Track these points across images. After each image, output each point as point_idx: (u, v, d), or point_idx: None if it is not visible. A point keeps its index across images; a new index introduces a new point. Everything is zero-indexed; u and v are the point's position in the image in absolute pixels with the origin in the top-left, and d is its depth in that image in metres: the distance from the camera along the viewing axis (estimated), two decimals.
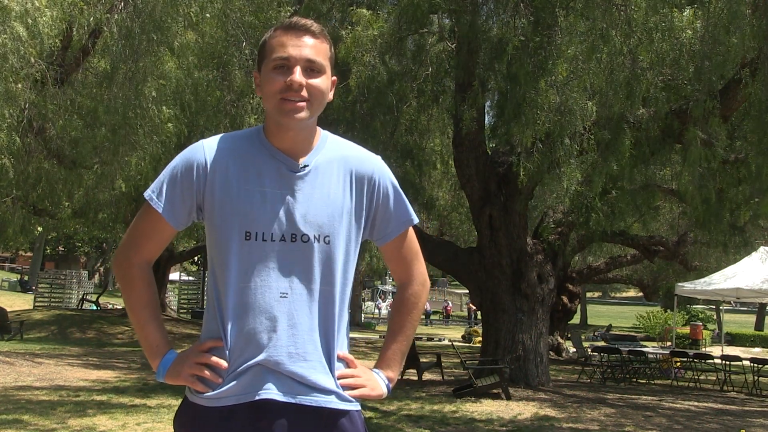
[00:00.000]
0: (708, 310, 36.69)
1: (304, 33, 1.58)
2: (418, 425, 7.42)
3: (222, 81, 9.37)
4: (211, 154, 1.61)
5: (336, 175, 1.64)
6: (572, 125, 8.01)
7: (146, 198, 1.63)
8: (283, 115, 1.56)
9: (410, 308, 1.77)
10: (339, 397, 1.59)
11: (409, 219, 1.75)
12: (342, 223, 1.62)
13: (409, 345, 1.79)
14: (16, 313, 20.08)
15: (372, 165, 1.70)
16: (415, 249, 1.80)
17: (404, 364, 10.15)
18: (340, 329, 1.63)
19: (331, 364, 1.60)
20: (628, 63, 8.10)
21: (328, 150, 1.66)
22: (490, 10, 9.60)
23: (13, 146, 7.67)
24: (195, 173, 1.60)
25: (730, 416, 9.05)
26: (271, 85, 1.57)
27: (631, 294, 59.91)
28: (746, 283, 13.76)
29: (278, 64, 1.57)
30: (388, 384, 1.71)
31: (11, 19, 6.45)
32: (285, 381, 1.54)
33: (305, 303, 1.57)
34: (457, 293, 48.24)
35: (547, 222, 11.88)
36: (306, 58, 1.57)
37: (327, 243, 1.59)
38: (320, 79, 1.59)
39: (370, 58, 8.92)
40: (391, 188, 1.71)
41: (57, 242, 42.64)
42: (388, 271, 32.41)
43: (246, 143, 1.64)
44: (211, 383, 1.55)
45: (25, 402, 7.61)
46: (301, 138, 1.62)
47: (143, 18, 7.33)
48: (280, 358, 1.54)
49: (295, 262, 1.57)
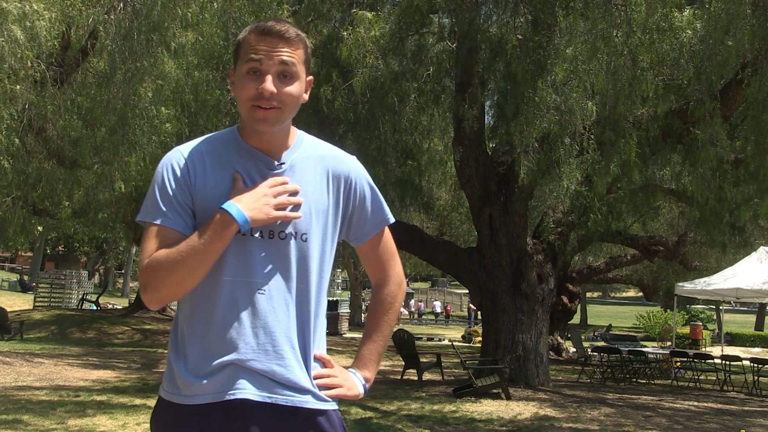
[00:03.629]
0: (708, 310, 36.70)
1: (278, 39, 1.57)
2: (418, 425, 7.42)
3: (221, 81, 9.37)
4: (190, 157, 1.60)
5: (313, 174, 1.64)
6: (572, 125, 8.01)
7: (147, 221, 1.57)
8: (255, 122, 1.56)
9: (387, 308, 1.77)
10: (315, 397, 1.57)
11: (386, 219, 1.75)
12: (319, 222, 1.62)
13: (386, 345, 1.79)
14: (16, 313, 20.08)
15: (348, 165, 1.70)
16: (391, 249, 1.80)
17: (405, 364, 10.09)
18: (316, 328, 1.62)
19: (307, 363, 1.58)
20: (628, 63, 8.10)
21: (304, 149, 1.67)
22: (489, 9, 9.59)
23: (13, 147, 7.67)
24: (182, 176, 1.57)
25: (730, 416, 9.05)
26: (243, 90, 1.56)
27: (631, 294, 59.94)
28: (746, 283, 13.75)
29: (251, 68, 1.56)
30: (364, 384, 1.71)
31: (9, 22, 6.45)
32: (260, 380, 1.53)
33: (282, 301, 1.56)
34: (457, 293, 48.25)
35: (547, 222, 11.88)
36: (279, 62, 1.56)
37: (304, 241, 1.59)
38: (293, 86, 1.58)
39: (371, 58, 8.92)
40: (368, 188, 1.71)
41: (57, 242, 42.69)
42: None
43: (221, 144, 1.64)
44: (180, 386, 1.53)
45: (25, 402, 7.61)
46: (276, 138, 1.62)
47: (141, 18, 7.33)
48: (256, 356, 1.52)
49: (273, 259, 1.56)
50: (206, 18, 8.19)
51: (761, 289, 13.65)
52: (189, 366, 1.53)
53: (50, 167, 10.66)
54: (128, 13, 7.36)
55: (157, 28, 7.42)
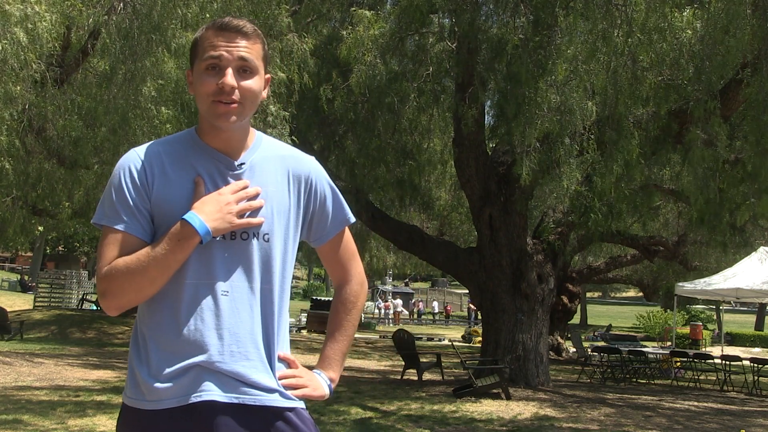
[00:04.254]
0: (708, 310, 36.69)
1: (236, 34, 1.56)
2: (418, 425, 7.42)
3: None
4: (147, 159, 1.57)
5: (273, 174, 1.63)
6: (572, 125, 8.01)
7: (103, 224, 1.54)
8: (216, 118, 1.55)
9: (349, 308, 1.77)
10: (283, 396, 1.57)
11: (346, 219, 1.75)
12: (281, 222, 1.61)
13: (350, 344, 1.78)
14: (16, 313, 20.08)
15: (308, 165, 1.69)
16: (352, 249, 1.80)
17: (405, 364, 10.07)
18: (280, 328, 1.61)
19: (272, 363, 1.58)
20: (629, 63, 8.10)
21: (263, 149, 1.66)
22: (489, 9, 9.61)
23: (13, 148, 7.68)
24: (139, 178, 1.54)
25: (730, 416, 9.05)
26: (202, 86, 1.55)
27: (631, 294, 59.91)
28: (746, 283, 13.75)
29: (210, 64, 1.55)
30: (329, 384, 1.71)
31: (11, 24, 6.46)
32: (226, 381, 1.51)
33: (246, 302, 1.55)
34: (457, 293, 48.24)
35: (547, 222, 11.88)
36: (238, 57, 1.55)
37: (266, 241, 1.58)
38: (253, 80, 1.58)
39: (370, 58, 8.92)
40: (329, 188, 1.71)
41: (57, 242, 42.67)
42: (389, 270, 32.05)
43: (180, 145, 1.62)
44: (144, 391, 1.50)
45: (25, 402, 7.61)
46: (235, 137, 1.61)
47: (141, 18, 7.33)
48: (222, 358, 1.51)
49: (235, 261, 1.55)
50: (206, 18, 8.19)
51: (761, 289, 13.65)
52: (152, 370, 1.51)
53: (50, 167, 10.67)
54: (128, 13, 7.36)
55: (157, 28, 7.42)
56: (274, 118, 8.15)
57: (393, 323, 34.09)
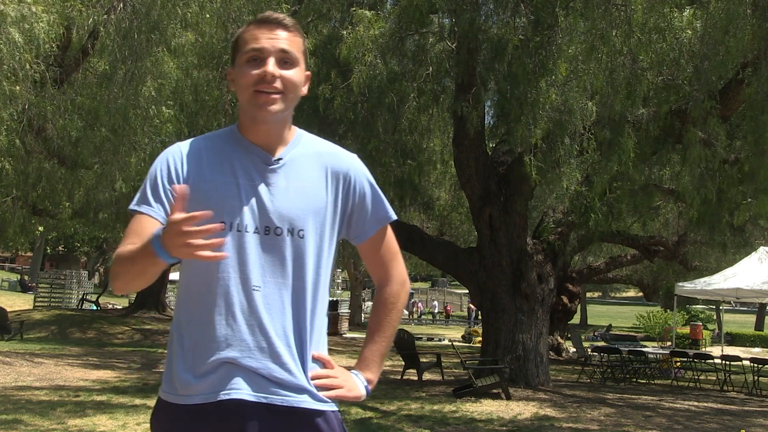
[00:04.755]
0: (708, 310, 36.70)
1: (277, 26, 1.58)
2: (418, 425, 7.41)
3: (221, 81, 9.37)
4: (187, 152, 1.60)
5: (311, 170, 1.62)
6: (572, 125, 8.01)
7: (132, 210, 1.58)
8: (257, 107, 1.55)
9: (389, 309, 1.74)
10: (313, 397, 1.54)
11: (387, 216, 1.71)
12: (317, 218, 1.59)
13: (389, 346, 1.76)
14: (16, 313, 20.07)
15: (348, 162, 1.68)
16: (393, 248, 1.76)
17: (405, 364, 10.06)
18: (313, 327, 1.59)
19: (304, 362, 1.55)
20: (628, 63, 8.10)
21: (303, 146, 1.65)
22: (489, 9, 9.59)
23: (13, 147, 7.68)
24: (174, 170, 1.58)
25: (730, 416, 9.05)
26: (244, 77, 1.56)
27: (631, 294, 59.92)
28: (746, 283, 13.75)
29: (251, 56, 1.56)
30: (366, 386, 1.68)
31: (7, 24, 6.46)
32: (256, 379, 1.50)
33: (277, 298, 1.54)
34: (457, 293, 48.22)
35: (547, 222, 11.88)
36: (279, 49, 1.56)
37: (301, 237, 1.57)
38: (293, 71, 1.58)
39: (370, 58, 8.92)
40: (368, 185, 1.68)
41: (57, 242, 42.66)
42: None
43: (220, 140, 1.64)
44: (177, 386, 1.51)
45: (25, 402, 7.61)
46: (275, 132, 1.61)
47: (141, 18, 7.33)
48: (251, 354, 1.50)
49: (268, 256, 1.54)
50: (206, 18, 8.19)
51: (761, 289, 13.66)
52: (186, 365, 1.52)
53: (50, 167, 10.68)
54: (128, 12, 7.36)
55: (157, 27, 7.42)
56: None
57: None
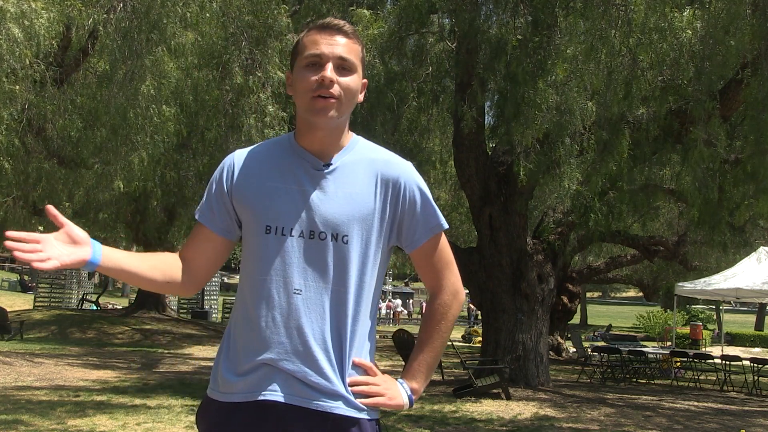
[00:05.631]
0: (708, 310, 36.69)
1: (337, 32, 1.60)
2: (418, 425, 7.41)
3: (221, 80, 9.37)
4: (240, 158, 1.66)
5: (362, 176, 1.62)
6: (572, 125, 8.01)
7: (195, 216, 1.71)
8: (315, 113, 1.56)
9: (438, 319, 1.70)
10: (348, 403, 1.54)
11: (439, 225, 1.68)
12: (363, 225, 1.59)
13: (438, 357, 1.72)
14: (16, 313, 20.06)
15: (400, 169, 1.65)
16: (446, 257, 1.73)
17: (404, 364, 10.10)
18: (355, 333, 1.57)
19: (342, 368, 1.55)
20: (628, 63, 8.10)
21: (356, 152, 1.65)
22: (489, 9, 9.59)
23: (13, 147, 7.68)
24: (225, 177, 1.65)
25: (730, 416, 9.05)
26: (303, 82, 1.57)
27: (631, 294, 59.93)
28: (746, 283, 13.75)
29: (310, 61, 1.57)
30: (410, 395, 1.65)
31: (7, 20, 6.45)
32: (292, 382, 1.52)
33: (318, 302, 1.54)
34: None
35: (547, 222, 11.88)
36: (338, 55, 1.57)
37: (345, 243, 1.56)
38: (351, 78, 1.59)
39: (370, 57, 8.92)
40: (419, 193, 1.65)
41: None
42: (389, 270, 32.12)
43: (275, 146, 1.68)
44: (220, 383, 1.58)
45: (25, 402, 7.60)
46: (330, 139, 1.61)
47: (141, 18, 7.33)
48: (288, 356, 1.52)
49: (311, 260, 1.55)
50: (206, 17, 8.19)
51: (761, 289, 13.66)
52: (229, 364, 1.57)
53: (50, 167, 10.67)
54: (128, 12, 7.36)
55: (157, 27, 7.42)
56: (272, 119, 8.14)
57: (393, 323, 34.10)
